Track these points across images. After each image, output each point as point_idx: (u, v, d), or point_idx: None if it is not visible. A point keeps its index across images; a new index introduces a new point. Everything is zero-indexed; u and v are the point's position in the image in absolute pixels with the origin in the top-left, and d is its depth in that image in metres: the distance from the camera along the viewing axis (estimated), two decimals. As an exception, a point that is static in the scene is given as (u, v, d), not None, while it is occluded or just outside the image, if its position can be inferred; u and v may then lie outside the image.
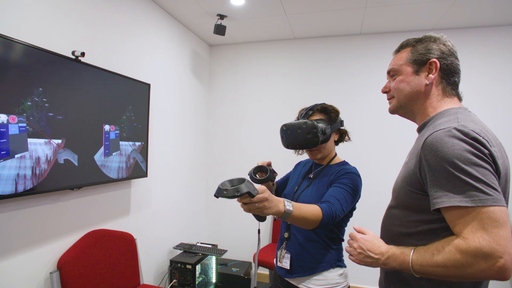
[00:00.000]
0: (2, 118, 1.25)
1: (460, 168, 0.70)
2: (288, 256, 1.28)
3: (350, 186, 1.19)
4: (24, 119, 1.33)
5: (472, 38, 2.71)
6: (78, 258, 1.63)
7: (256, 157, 3.25)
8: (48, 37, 1.54)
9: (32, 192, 1.39)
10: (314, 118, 1.29)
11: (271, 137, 3.13)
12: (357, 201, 1.24)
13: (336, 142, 1.38)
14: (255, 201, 0.88)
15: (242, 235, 3.23)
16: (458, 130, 0.74)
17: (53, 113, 1.47)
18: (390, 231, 0.93)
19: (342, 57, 3.04)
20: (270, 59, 3.25)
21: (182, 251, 2.61)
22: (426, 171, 0.77)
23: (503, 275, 0.65)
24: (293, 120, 1.37)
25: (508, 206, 0.73)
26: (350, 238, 0.91)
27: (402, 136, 2.81)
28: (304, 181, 1.38)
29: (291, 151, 1.48)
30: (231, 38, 3.19)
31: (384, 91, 1.01)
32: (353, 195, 1.19)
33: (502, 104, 2.65)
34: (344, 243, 1.18)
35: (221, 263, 2.92)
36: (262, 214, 0.93)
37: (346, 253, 0.95)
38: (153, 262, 2.48)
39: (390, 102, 1.00)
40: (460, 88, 0.94)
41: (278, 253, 1.34)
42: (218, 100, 3.42)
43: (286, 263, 1.28)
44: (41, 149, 1.42)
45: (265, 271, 3.07)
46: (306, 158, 1.51)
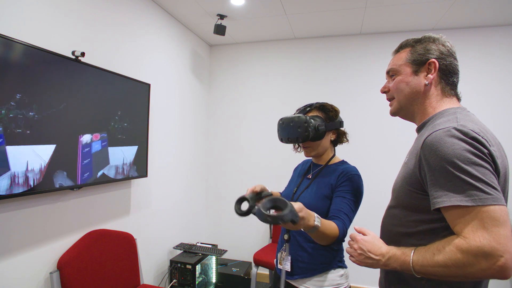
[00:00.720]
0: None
1: (460, 167, 0.71)
2: (288, 258, 1.27)
3: (354, 193, 1.21)
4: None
5: (472, 38, 2.71)
6: (78, 258, 1.62)
7: (256, 157, 3.26)
8: (48, 37, 1.54)
9: (32, 192, 1.39)
10: (311, 114, 1.29)
11: (271, 137, 3.13)
12: (360, 201, 1.25)
13: (333, 143, 1.36)
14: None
15: (242, 235, 3.23)
16: (458, 130, 0.74)
17: (52, 113, 1.47)
18: (390, 231, 0.93)
19: (342, 57, 3.04)
20: (270, 59, 3.25)
21: (182, 251, 2.61)
22: (426, 171, 0.78)
23: (504, 274, 0.65)
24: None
25: (507, 204, 0.73)
26: (350, 239, 0.91)
27: (402, 136, 2.81)
28: (303, 181, 1.38)
29: (291, 151, 1.48)
30: (231, 38, 3.19)
31: (383, 91, 1.01)
32: (357, 202, 1.22)
33: (502, 104, 2.65)
34: (344, 244, 1.18)
35: (221, 263, 2.92)
36: (293, 228, 0.95)
37: (347, 253, 0.95)
38: (153, 262, 2.48)
39: (391, 105, 1.00)
40: (459, 88, 0.94)
41: (279, 255, 1.33)
42: (218, 100, 3.42)
43: (287, 265, 1.27)
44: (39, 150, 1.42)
45: (265, 271, 3.07)
46: (304, 159, 1.50)
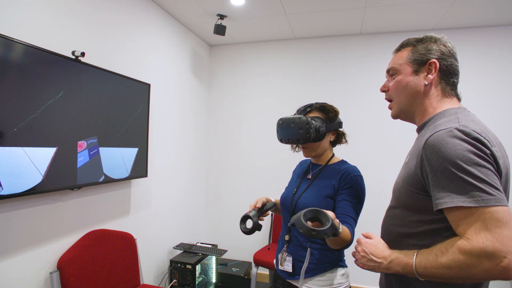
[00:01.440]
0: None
1: (462, 168, 0.70)
2: (290, 259, 1.27)
3: (358, 195, 1.22)
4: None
5: (472, 38, 2.71)
6: (78, 258, 1.62)
7: (256, 157, 3.25)
8: (48, 37, 1.54)
9: (32, 192, 1.38)
10: (311, 115, 1.29)
11: (271, 137, 3.13)
12: (363, 201, 1.26)
13: (332, 143, 1.35)
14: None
15: (242, 235, 3.21)
16: (460, 130, 0.74)
17: (51, 113, 1.47)
18: (391, 232, 0.92)
19: (342, 57, 3.04)
20: (270, 59, 3.25)
21: (182, 251, 2.61)
22: (427, 172, 0.77)
23: (508, 275, 0.65)
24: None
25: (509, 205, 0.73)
26: (356, 243, 0.91)
27: (402, 136, 2.81)
28: (302, 182, 1.37)
29: (291, 151, 1.48)
30: (231, 38, 3.19)
31: (382, 90, 1.01)
32: (361, 203, 1.23)
33: (502, 104, 2.65)
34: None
35: (221, 263, 2.92)
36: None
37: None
38: (153, 262, 2.48)
39: (390, 107, 0.99)
40: (459, 88, 0.94)
41: (279, 256, 1.32)
42: (218, 100, 3.42)
43: (288, 266, 1.27)
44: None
45: (265, 271, 3.07)
46: (303, 159, 1.49)
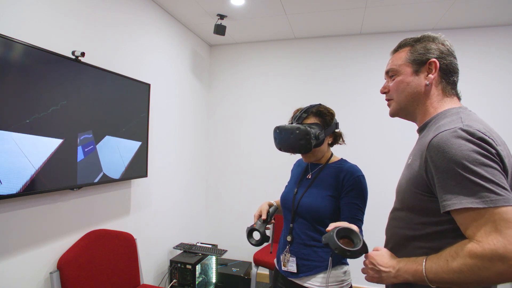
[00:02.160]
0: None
1: (469, 169, 0.69)
2: (293, 259, 1.27)
3: (362, 197, 1.23)
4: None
5: (472, 38, 2.71)
6: (78, 258, 1.62)
7: (256, 157, 3.25)
8: (48, 37, 1.54)
9: (32, 192, 1.39)
10: (308, 121, 1.28)
11: (271, 137, 3.12)
12: (367, 201, 1.27)
13: (330, 144, 1.36)
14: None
15: (242, 235, 3.21)
16: (464, 130, 0.73)
17: (51, 113, 1.47)
18: (395, 234, 0.91)
19: (342, 57, 3.04)
20: (270, 59, 3.25)
21: (182, 251, 2.61)
22: (433, 173, 0.76)
23: None
24: (289, 120, 1.36)
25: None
26: (365, 258, 0.89)
27: (402, 136, 2.81)
28: (302, 182, 1.37)
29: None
30: (231, 38, 3.19)
31: (383, 92, 1.00)
32: (365, 203, 1.25)
33: (502, 104, 2.64)
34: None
35: (221, 263, 2.92)
36: None
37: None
38: (153, 262, 2.48)
39: (390, 105, 0.98)
40: (459, 88, 0.93)
41: (282, 257, 1.32)
42: (218, 100, 3.42)
43: (292, 267, 1.27)
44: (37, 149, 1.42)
45: (265, 271, 3.07)
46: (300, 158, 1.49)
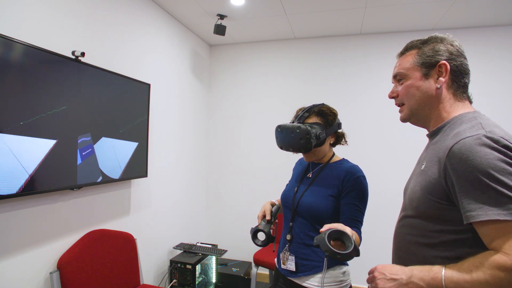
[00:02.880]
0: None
1: (495, 178, 0.67)
2: (292, 258, 1.28)
3: (363, 197, 1.23)
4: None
5: (472, 38, 2.71)
6: (78, 258, 1.62)
7: (256, 157, 3.25)
8: (48, 37, 1.54)
9: (32, 192, 1.39)
10: (310, 121, 1.27)
11: (271, 137, 3.11)
12: (367, 201, 1.28)
13: (332, 144, 1.36)
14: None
15: (242, 235, 3.23)
16: (488, 138, 0.70)
17: (52, 112, 1.47)
18: (407, 241, 0.87)
19: (342, 57, 3.04)
20: (270, 59, 3.25)
21: (182, 251, 2.61)
22: (453, 181, 0.73)
23: None
24: (291, 119, 1.36)
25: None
26: (369, 273, 0.86)
27: (402, 136, 2.81)
28: (303, 181, 1.37)
29: (290, 152, 1.48)
30: (231, 38, 3.19)
31: (391, 97, 0.96)
32: (366, 203, 1.25)
33: (502, 104, 2.65)
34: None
35: (221, 263, 2.92)
36: None
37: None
38: (153, 262, 2.48)
39: (401, 111, 0.95)
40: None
41: (281, 255, 1.33)
42: (218, 100, 3.42)
43: (291, 265, 1.27)
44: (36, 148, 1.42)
45: (265, 271, 3.07)
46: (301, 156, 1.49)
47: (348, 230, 0.94)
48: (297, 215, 1.30)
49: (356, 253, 0.87)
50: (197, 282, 2.45)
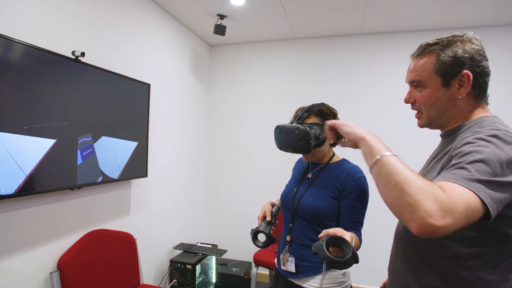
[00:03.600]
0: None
1: (490, 164, 0.64)
2: (292, 259, 1.27)
3: (363, 199, 1.23)
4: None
5: (472, 38, 2.71)
6: (78, 258, 1.62)
7: (256, 157, 3.25)
8: (48, 37, 1.54)
9: (32, 192, 1.39)
10: (309, 121, 1.26)
11: (271, 137, 3.11)
12: (368, 202, 1.27)
13: (333, 144, 1.35)
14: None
15: (242, 235, 3.23)
16: (503, 134, 0.69)
17: (52, 112, 1.47)
18: (407, 237, 0.85)
19: (342, 57, 3.04)
20: (270, 59, 3.25)
21: (182, 251, 2.61)
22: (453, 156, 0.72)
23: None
24: (290, 119, 1.35)
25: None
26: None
27: (402, 136, 2.81)
28: (302, 182, 1.36)
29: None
30: (231, 38, 3.18)
31: (408, 102, 0.91)
32: (366, 205, 1.24)
33: (502, 104, 2.64)
34: None
35: (221, 263, 2.92)
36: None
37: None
38: (153, 262, 2.48)
39: (419, 117, 0.90)
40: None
41: (281, 256, 1.32)
42: (218, 100, 3.42)
43: (291, 267, 1.27)
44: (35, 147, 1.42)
45: (265, 271, 3.07)
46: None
47: (347, 235, 0.93)
48: (296, 216, 1.30)
49: (355, 260, 0.87)
50: (197, 282, 2.45)
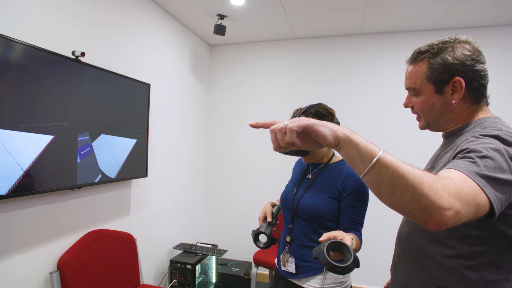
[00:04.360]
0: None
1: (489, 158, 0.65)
2: (292, 260, 1.27)
3: (363, 200, 1.22)
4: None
5: (472, 38, 2.71)
6: (78, 258, 1.62)
7: (256, 157, 3.25)
8: (48, 37, 1.54)
9: (32, 192, 1.39)
10: None
11: (271, 137, 3.12)
12: (368, 203, 1.27)
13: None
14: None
15: (242, 235, 3.23)
16: (504, 135, 0.69)
17: (52, 112, 1.47)
18: (410, 236, 0.86)
19: (342, 57, 3.04)
20: (270, 59, 3.25)
21: (182, 251, 2.61)
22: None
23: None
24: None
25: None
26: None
27: (402, 136, 2.81)
28: (302, 182, 1.36)
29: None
30: (231, 38, 3.18)
31: (406, 106, 0.93)
32: (366, 205, 1.24)
33: (502, 104, 2.64)
34: None
35: (221, 263, 2.92)
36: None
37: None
38: (153, 262, 2.48)
39: (419, 120, 0.92)
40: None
41: (281, 257, 1.33)
42: (218, 100, 3.42)
43: (291, 267, 1.27)
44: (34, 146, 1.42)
45: (265, 271, 3.06)
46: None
47: (347, 239, 0.93)
48: (296, 217, 1.30)
49: (355, 264, 0.86)
50: (197, 282, 2.44)
